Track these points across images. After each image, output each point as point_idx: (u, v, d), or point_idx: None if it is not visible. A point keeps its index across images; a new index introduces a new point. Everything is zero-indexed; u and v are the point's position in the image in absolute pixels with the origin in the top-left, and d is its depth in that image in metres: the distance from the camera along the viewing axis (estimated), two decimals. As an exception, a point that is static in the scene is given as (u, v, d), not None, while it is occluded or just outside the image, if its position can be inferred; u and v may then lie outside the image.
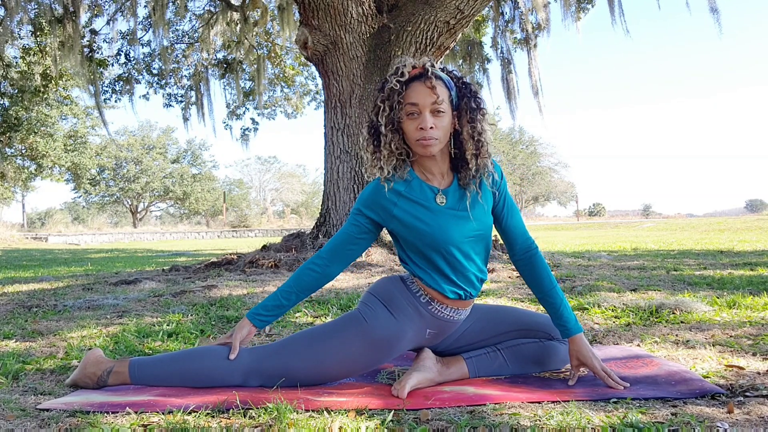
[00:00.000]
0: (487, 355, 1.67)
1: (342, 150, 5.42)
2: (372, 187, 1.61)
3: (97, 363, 1.61)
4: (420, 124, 1.49)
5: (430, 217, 1.55)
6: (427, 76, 1.51)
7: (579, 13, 8.71)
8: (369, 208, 1.60)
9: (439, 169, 1.59)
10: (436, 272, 1.57)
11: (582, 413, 1.29)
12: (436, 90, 1.50)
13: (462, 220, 1.56)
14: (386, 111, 1.53)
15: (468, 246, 1.57)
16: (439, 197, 1.57)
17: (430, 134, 1.49)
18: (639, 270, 4.54)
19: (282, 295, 1.61)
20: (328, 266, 1.62)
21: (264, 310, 1.61)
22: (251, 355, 1.57)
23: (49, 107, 20.12)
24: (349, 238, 1.62)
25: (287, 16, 8.58)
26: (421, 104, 1.50)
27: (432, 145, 1.51)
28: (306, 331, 1.62)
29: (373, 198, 1.59)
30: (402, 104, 1.52)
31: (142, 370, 1.58)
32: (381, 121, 1.54)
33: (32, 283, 4.67)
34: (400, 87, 1.52)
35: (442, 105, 1.50)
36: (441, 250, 1.55)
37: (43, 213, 43.21)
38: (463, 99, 1.56)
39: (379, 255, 4.86)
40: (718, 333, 2.11)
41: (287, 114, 13.66)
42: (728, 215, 36.93)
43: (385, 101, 1.54)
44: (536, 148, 43.72)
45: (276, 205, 48.54)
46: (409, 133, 1.52)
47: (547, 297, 1.63)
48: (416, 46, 5.34)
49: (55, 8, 8.67)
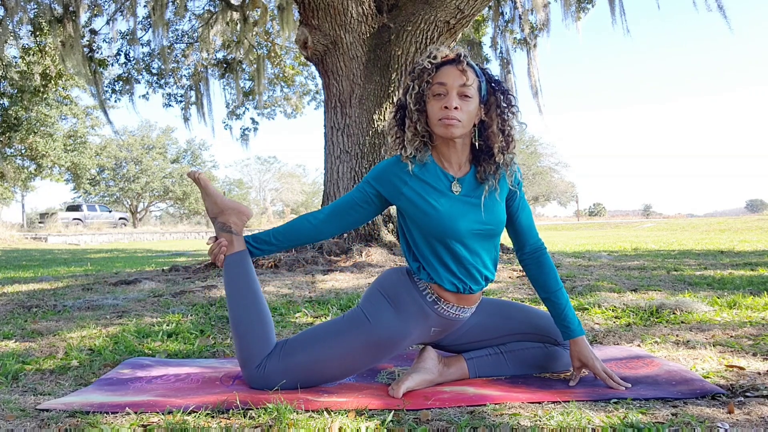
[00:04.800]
0: (488, 357, 1.67)
1: (342, 150, 5.41)
2: (387, 162, 1.61)
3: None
4: (445, 103, 1.50)
5: (440, 202, 1.54)
6: (460, 60, 1.52)
7: (579, 13, 8.71)
8: (378, 181, 1.60)
9: (458, 158, 1.59)
10: (438, 261, 1.56)
11: (582, 413, 1.29)
12: (466, 74, 1.51)
13: (473, 209, 1.55)
14: (415, 89, 1.54)
15: (474, 240, 1.56)
16: (455, 185, 1.57)
17: (454, 114, 1.49)
18: (639, 270, 4.54)
19: (273, 234, 1.65)
20: (324, 223, 1.64)
21: (253, 240, 1.66)
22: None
23: (48, 107, 20.12)
24: (351, 203, 1.63)
25: (287, 15, 8.58)
26: (449, 84, 1.50)
27: (454, 126, 1.50)
28: (308, 330, 1.61)
29: (385, 173, 1.60)
30: (431, 84, 1.52)
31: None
32: (409, 100, 1.55)
33: (32, 283, 4.66)
34: (431, 67, 1.53)
35: (470, 90, 1.51)
36: (445, 239, 1.54)
37: (43, 213, 43.15)
38: (495, 93, 1.57)
39: (379, 255, 4.85)
40: (719, 333, 2.11)
41: (287, 114, 13.66)
42: (729, 215, 36.95)
43: (415, 80, 1.55)
44: (536, 148, 43.71)
45: (276, 205, 48.54)
46: (433, 112, 1.52)
47: (552, 297, 1.62)
48: (416, 46, 5.34)
49: (54, 8, 8.66)
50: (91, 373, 1.77)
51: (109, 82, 11.23)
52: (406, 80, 1.58)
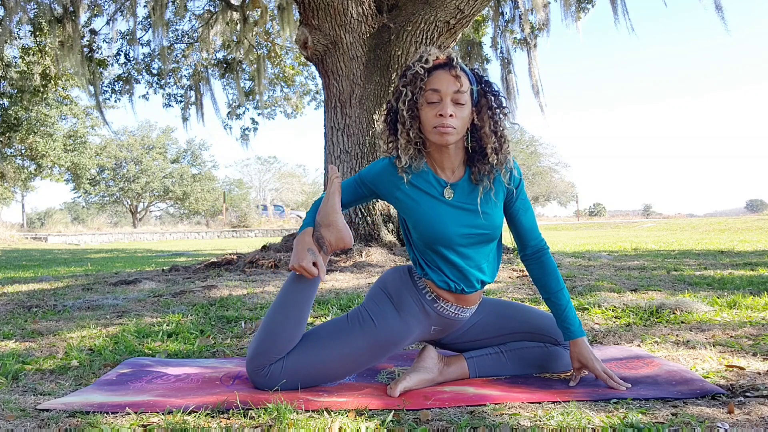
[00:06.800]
0: (489, 357, 1.67)
1: (342, 150, 5.41)
2: (382, 164, 1.61)
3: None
4: (439, 111, 1.48)
5: (432, 208, 1.55)
6: (452, 65, 1.50)
7: (579, 13, 8.71)
8: (372, 183, 1.62)
9: (451, 163, 1.58)
10: (431, 261, 1.58)
11: (582, 413, 1.29)
12: (460, 79, 1.49)
13: (466, 214, 1.56)
14: (408, 96, 1.52)
15: (467, 246, 1.56)
16: (447, 191, 1.57)
17: (449, 122, 1.48)
18: (639, 270, 4.54)
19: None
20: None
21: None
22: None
23: (48, 107, 20.11)
24: (342, 189, 1.65)
25: (287, 15, 8.58)
26: (443, 91, 1.49)
27: (449, 133, 1.49)
28: (310, 331, 1.61)
29: (379, 176, 1.60)
30: (423, 90, 1.51)
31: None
32: (402, 107, 1.53)
33: (32, 283, 4.66)
34: (423, 73, 1.51)
35: (464, 96, 1.50)
36: (436, 244, 1.55)
37: (43, 213, 43.17)
38: (486, 95, 1.56)
39: (379, 255, 4.85)
40: (719, 333, 2.11)
41: (287, 114, 13.66)
42: (728, 215, 36.94)
43: (407, 86, 1.52)
44: (536, 148, 43.66)
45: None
46: (427, 120, 1.51)
47: (553, 298, 1.63)
48: (416, 46, 5.34)
49: (54, 8, 8.66)
50: (91, 373, 1.77)
51: (109, 82, 11.23)
52: (397, 85, 1.56)
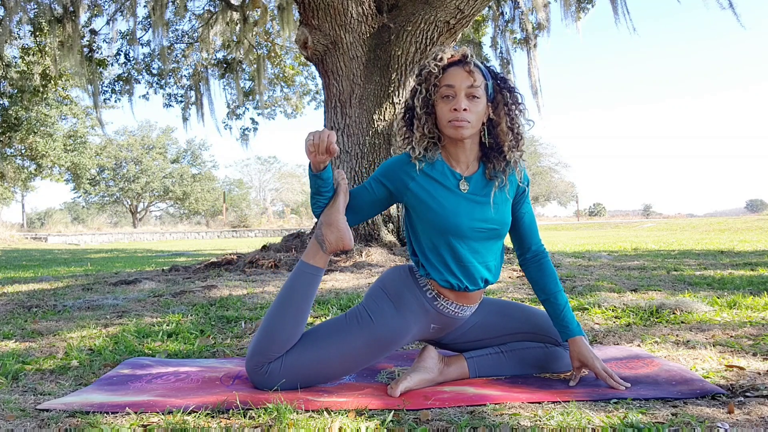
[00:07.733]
0: (489, 356, 1.67)
1: (342, 150, 5.41)
2: (397, 158, 1.63)
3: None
4: (454, 105, 1.51)
5: (446, 198, 1.56)
6: (466, 61, 1.53)
7: (579, 13, 8.71)
8: (386, 176, 1.62)
9: (466, 157, 1.60)
10: (437, 257, 1.57)
11: (582, 413, 1.29)
12: (474, 74, 1.52)
13: (480, 207, 1.57)
14: (422, 93, 1.55)
15: (477, 240, 1.57)
16: (463, 184, 1.58)
17: (463, 116, 1.50)
18: (639, 270, 4.54)
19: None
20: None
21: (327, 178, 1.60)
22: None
23: (48, 107, 20.11)
24: (356, 193, 1.65)
25: (287, 15, 8.58)
26: (457, 86, 1.51)
27: (464, 127, 1.51)
28: (309, 330, 1.61)
29: (394, 168, 1.61)
30: (438, 87, 1.54)
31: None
32: (417, 103, 1.56)
33: (32, 283, 4.67)
34: (438, 70, 1.53)
35: (478, 90, 1.52)
36: (447, 235, 1.55)
37: (43, 213, 43.18)
38: (502, 92, 1.58)
39: (379, 255, 4.85)
40: (719, 333, 2.11)
41: (287, 114, 13.67)
42: (728, 215, 36.95)
43: (422, 83, 1.56)
44: (536, 148, 43.69)
45: (276, 205, 48.55)
46: (442, 114, 1.54)
47: (551, 299, 1.63)
48: (416, 46, 5.34)
49: (54, 8, 8.66)
50: (91, 373, 1.77)
51: (109, 82, 11.24)
52: (412, 83, 1.59)
